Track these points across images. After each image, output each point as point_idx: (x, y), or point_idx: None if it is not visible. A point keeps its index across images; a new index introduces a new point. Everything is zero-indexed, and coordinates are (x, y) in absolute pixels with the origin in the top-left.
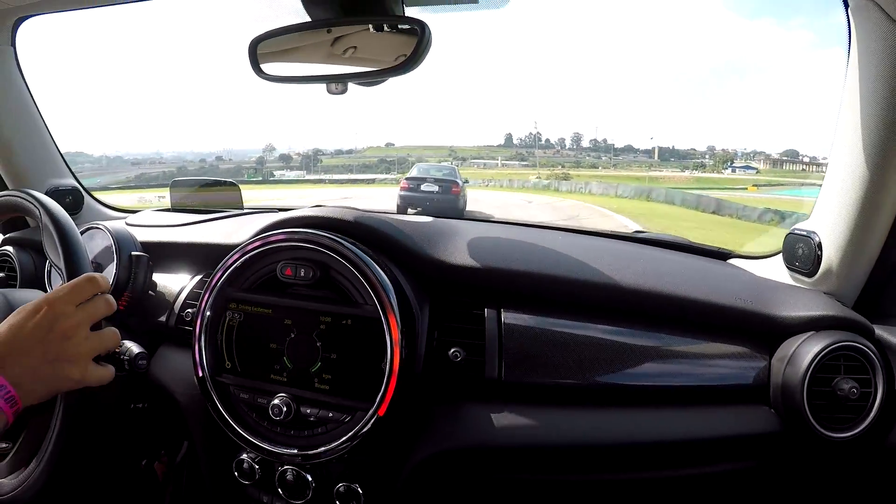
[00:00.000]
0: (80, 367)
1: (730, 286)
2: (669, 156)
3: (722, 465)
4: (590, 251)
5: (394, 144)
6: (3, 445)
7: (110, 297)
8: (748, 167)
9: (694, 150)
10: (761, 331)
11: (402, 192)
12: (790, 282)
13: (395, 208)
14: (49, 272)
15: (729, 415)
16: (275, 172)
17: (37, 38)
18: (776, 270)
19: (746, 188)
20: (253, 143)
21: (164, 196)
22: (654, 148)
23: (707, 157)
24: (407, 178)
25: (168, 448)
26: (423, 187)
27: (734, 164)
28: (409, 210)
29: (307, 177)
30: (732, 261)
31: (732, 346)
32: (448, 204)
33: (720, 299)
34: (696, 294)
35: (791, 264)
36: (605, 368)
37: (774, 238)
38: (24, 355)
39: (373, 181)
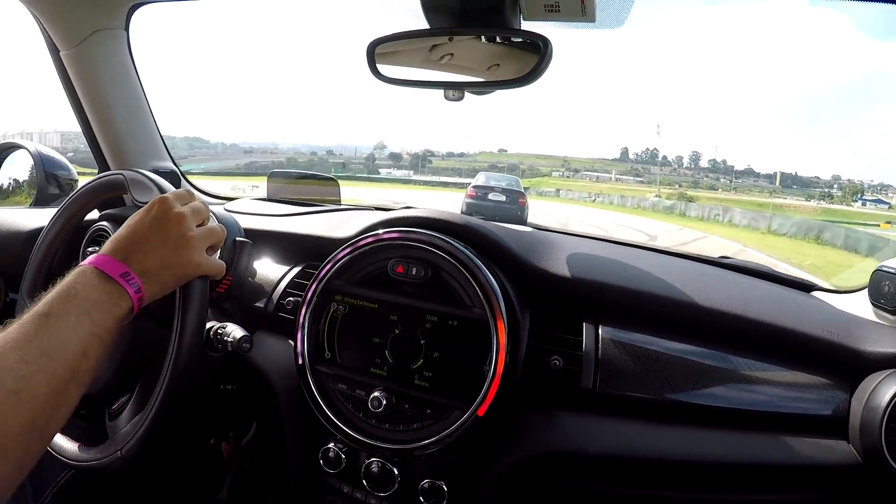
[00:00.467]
0: (197, 253)
1: (814, 317)
2: (791, 182)
3: (795, 494)
4: (680, 272)
5: (506, 151)
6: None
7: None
8: (879, 201)
9: (817, 178)
10: (843, 364)
11: (469, 200)
12: (874, 318)
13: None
14: None
15: (806, 445)
16: (380, 170)
17: (160, 24)
18: (860, 306)
19: (879, 225)
20: (366, 139)
21: (257, 186)
22: (775, 173)
23: (834, 186)
24: (474, 187)
25: (237, 429)
26: (490, 196)
27: (864, 197)
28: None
29: (414, 177)
30: (816, 293)
31: (814, 377)
32: (513, 214)
33: (805, 328)
34: (783, 322)
35: (876, 301)
36: (692, 387)
37: None
38: (145, 243)
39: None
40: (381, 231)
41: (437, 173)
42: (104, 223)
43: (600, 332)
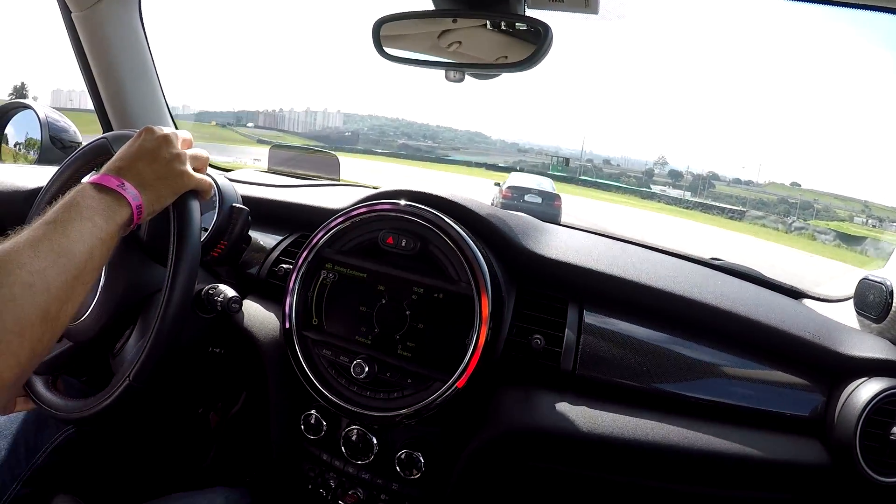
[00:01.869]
0: (187, 167)
1: (800, 320)
2: None
3: (767, 492)
4: (670, 268)
5: (800, 185)
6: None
7: None
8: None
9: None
10: (824, 366)
11: (504, 201)
12: (857, 326)
13: None
14: None
15: (780, 442)
16: (652, 186)
17: None
18: (845, 314)
19: None
20: (649, 153)
21: (259, 159)
22: None
23: None
24: (509, 188)
25: (225, 399)
26: (526, 198)
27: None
28: None
29: (689, 198)
30: (804, 301)
31: (794, 377)
32: (549, 218)
33: (789, 329)
34: (767, 321)
35: (860, 309)
36: (673, 377)
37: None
38: (137, 161)
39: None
40: (374, 202)
41: (718, 199)
42: None
43: (584, 316)
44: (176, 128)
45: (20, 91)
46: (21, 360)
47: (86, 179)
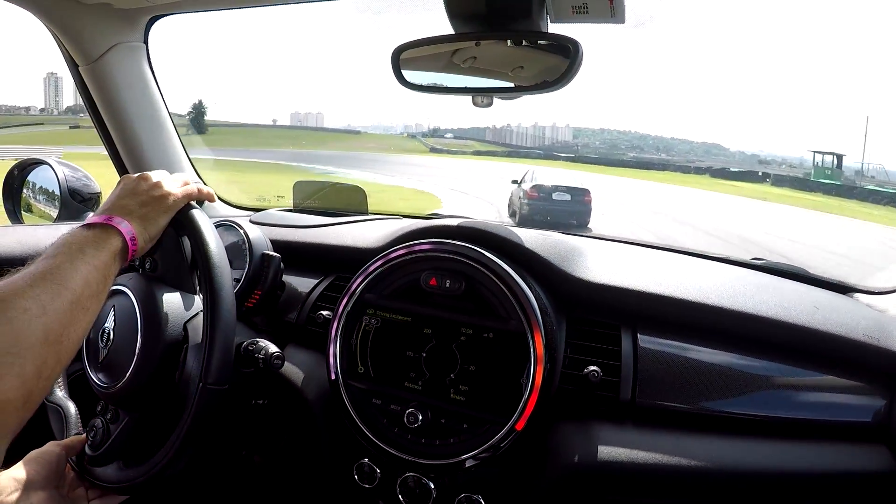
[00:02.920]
0: (174, 187)
1: (853, 320)
2: None
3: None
4: (716, 278)
5: None
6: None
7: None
8: None
9: None
10: (883, 368)
11: (530, 202)
12: None
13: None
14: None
15: (846, 452)
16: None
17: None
18: None
19: None
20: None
21: (283, 196)
22: None
23: None
24: (534, 187)
25: (269, 443)
26: (555, 196)
27: None
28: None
29: None
30: (853, 295)
31: (853, 382)
32: (579, 217)
33: (844, 333)
34: (821, 326)
35: None
36: (730, 396)
37: None
38: (120, 199)
39: None
40: (412, 242)
41: None
42: None
43: (639, 341)
44: (197, 173)
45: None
46: (25, 380)
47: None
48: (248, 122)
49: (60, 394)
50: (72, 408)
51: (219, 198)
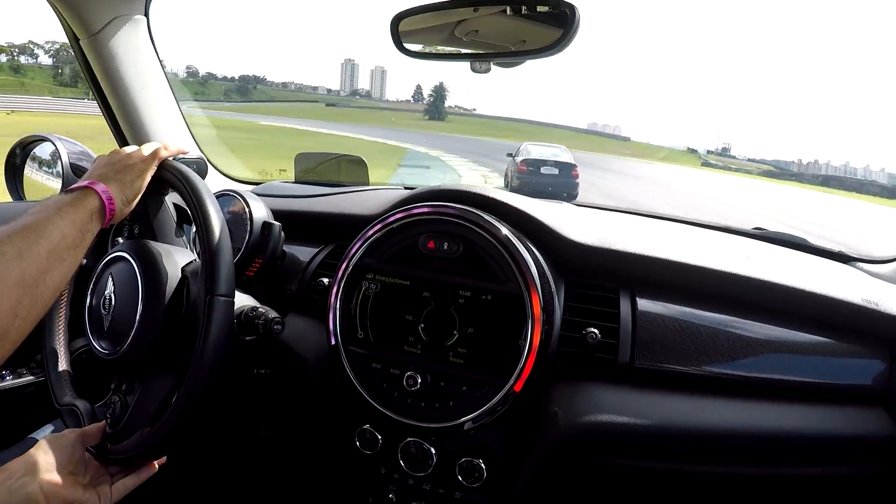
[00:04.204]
0: (147, 150)
1: (853, 286)
2: None
3: (835, 466)
4: (716, 244)
5: None
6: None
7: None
8: None
9: None
10: (882, 332)
11: (521, 175)
12: None
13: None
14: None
15: (846, 415)
16: None
17: None
18: None
19: None
20: None
21: (285, 169)
22: None
23: None
24: (524, 161)
25: (276, 415)
26: (543, 170)
27: None
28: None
29: None
30: (853, 263)
31: (853, 346)
32: (567, 189)
33: (844, 297)
34: (821, 291)
35: None
36: (730, 358)
37: None
38: (96, 169)
39: None
40: (410, 206)
41: None
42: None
43: (637, 304)
44: (199, 146)
45: None
46: (2, 321)
47: None
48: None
49: (69, 395)
50: (85, 405)
51: (221, 172)
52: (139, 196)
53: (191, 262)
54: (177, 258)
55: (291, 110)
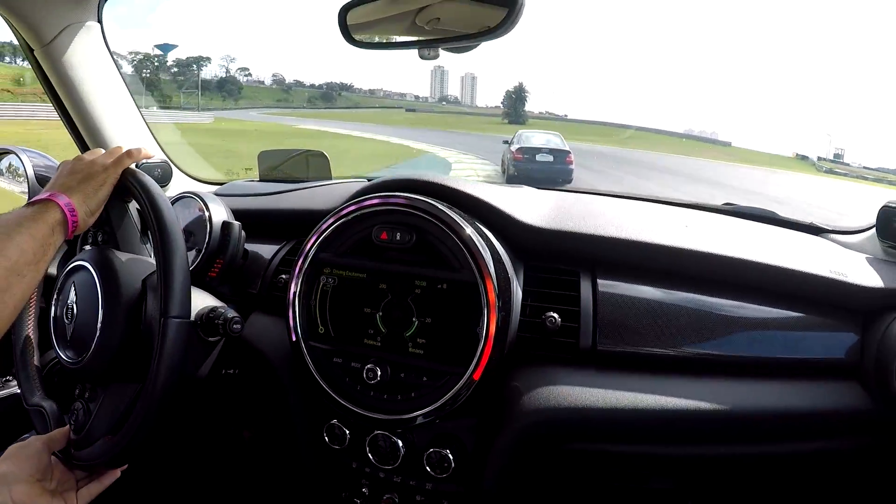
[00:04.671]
0: (105, 160)
1: (822, 258)
2: None
3: (810, 442)
4: (681, 221)
5: None
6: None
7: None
8: None
9: None
10: (855, 304)
11: (516, 163)
12: (884, 257)
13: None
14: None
15: (819, 389)
16: None
17: None
18: (870, 245)
19: None
20: None
21: (251, 168)
22: None
23: None
24: (520, 149)
25: (255, 414)
26: (537, 157)
27: None
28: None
29: None
30: (823, 235)
31: (824, 319)
32: (562, 175)
33: (813, 270)
34: (789, 264)
35: (884, 237)
36: (698, 337)
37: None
38: (58, 179)
39: None
40: (361, 198)
41: None
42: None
43: (598, 286)
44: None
45: None
46: None
47: None
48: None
49: (38, 396)
50: (51, 406)
51: (185, 173)
52: (103, 205)
53: (152, 272)
54: (137, 269)
55: (368, 116)
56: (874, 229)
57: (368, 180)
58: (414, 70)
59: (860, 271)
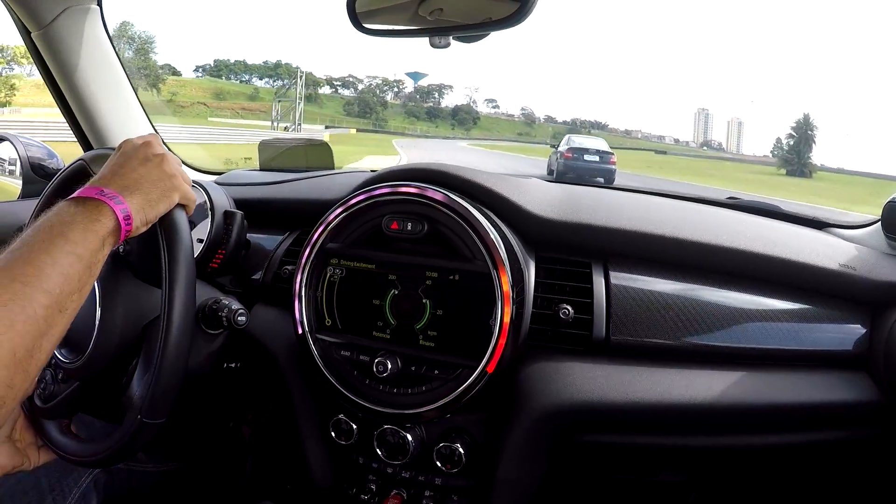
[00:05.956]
0: (175, 168)
1: (829, 252)
2: None
3: (819, 432)
4: (690, 214)
5: None
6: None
7: None
8: None
9: None
10: (862, 298)
11: (566, 161)
12: (889, 251)
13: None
14: None
15: (827, 380)
16: None
17: None
18: (875, 239)
19: None
20: None
21: (249, 158)
22: None
23: None
24: (570, 149)
25: (255, 410)
26: (586, 157)
27: None
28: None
29: None
30: (829, 229)
31: (832, 311)
32: (606, 174)
33: (821, 263)
34: (798, 258)
35: (890, 232)
36: (709, 329)
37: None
38: (120, 167)
39: None
40: (371, 187)
41: None
42: None
43: (611, 278)
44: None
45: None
46: None
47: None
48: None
49: None
50: None
51: (185, 163)
52: (157, 220)
53: (154, 319)
54: (141, 308)
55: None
56: (878, 224)
57: (372, 171)
58: (677, 112)
59: (867, 265)
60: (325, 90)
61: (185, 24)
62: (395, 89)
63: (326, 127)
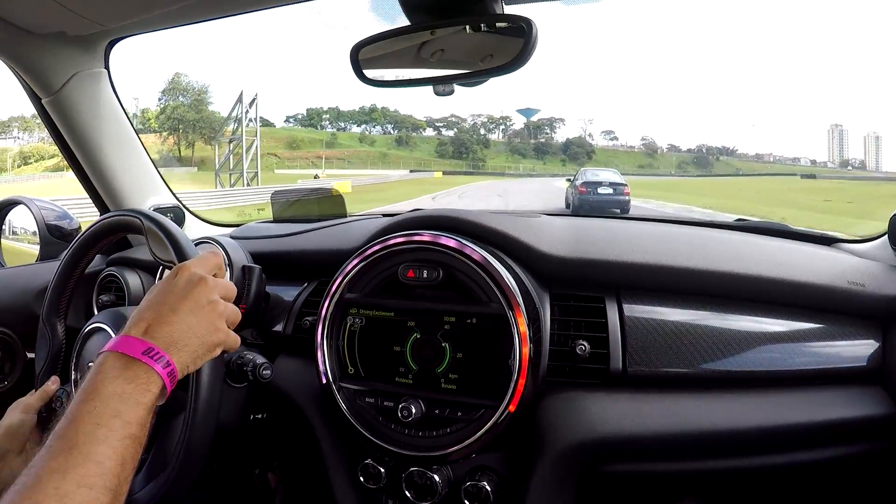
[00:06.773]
0: (222, 321)
1: (837, 269)
2: None
3: (836, 448)
4: (698, 241)
5: None
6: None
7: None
8: None
9: None
10: (873, 313)
11: (580, 196)
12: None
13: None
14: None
15: (843, 397)
16: None
17: None
18: (881, 253)
19: None
20: None
21: (262, 209)
22: None
23: None
24: (584, 183)
25: (280, 458)
26: (599, 190)
27: None
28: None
29: None
30: (837, 245)
31: (844, 328)
32: (620, 205)
33: (829, 281)
34: (805, 278)
35: None
36: (723, 355)
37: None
38: (172, 313)
39: None
40: (386, 237)
41: None
42: (112, 269)
43: (624, 310)
44: (174, 196)
45: None
46: None
47: (108, 346)
48: None
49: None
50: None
51: (199, 217)
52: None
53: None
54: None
55: (749, 184)
56: (885, 237)
57: (383, 216)
58: (808, 131)
59: (876, 280)
60: (429, 132)
61: (281, 77)
62: (503, 126)
63: (411, 171)
